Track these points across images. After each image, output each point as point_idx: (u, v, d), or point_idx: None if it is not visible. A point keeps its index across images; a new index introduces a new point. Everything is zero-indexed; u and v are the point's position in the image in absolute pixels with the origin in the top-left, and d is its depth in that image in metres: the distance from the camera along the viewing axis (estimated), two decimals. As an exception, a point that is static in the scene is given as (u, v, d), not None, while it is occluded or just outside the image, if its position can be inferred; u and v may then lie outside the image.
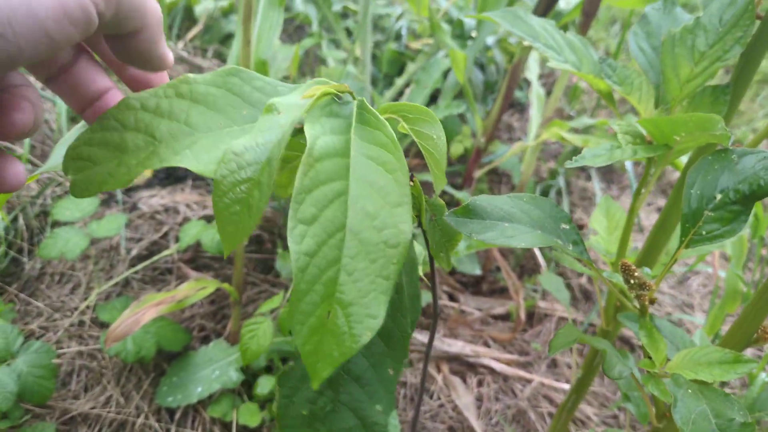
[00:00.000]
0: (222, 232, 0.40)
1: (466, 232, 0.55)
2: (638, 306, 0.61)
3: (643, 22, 0.78)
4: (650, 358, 0.61)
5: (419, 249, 0.69)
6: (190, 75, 0.43)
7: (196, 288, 1.03)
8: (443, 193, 1.84)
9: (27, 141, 1.31)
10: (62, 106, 1.34)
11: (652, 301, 0.60)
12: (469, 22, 1.74)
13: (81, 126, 0.69)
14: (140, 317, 0.96)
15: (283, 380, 0.50)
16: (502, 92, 1.42)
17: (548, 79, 2.36)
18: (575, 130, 1.37)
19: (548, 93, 2.16)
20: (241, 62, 0.98)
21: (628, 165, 1.69)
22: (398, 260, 0.37)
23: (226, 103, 0.43)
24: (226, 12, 1.83)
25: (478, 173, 1.52)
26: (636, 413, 0.75)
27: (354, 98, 0.44)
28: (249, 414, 1.20)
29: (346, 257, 0.36)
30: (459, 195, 1.42)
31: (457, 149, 1.84)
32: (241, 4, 0.94)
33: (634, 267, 0.58)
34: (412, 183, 0.52)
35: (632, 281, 0.58)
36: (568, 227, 0.59)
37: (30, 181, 0.59)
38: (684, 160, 0.90)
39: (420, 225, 0.58)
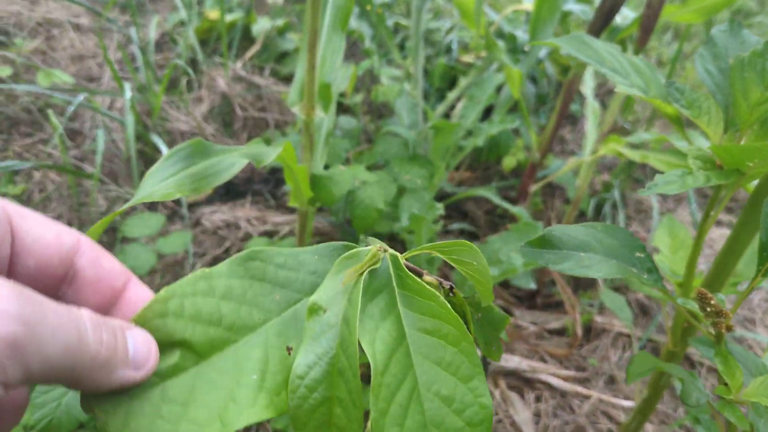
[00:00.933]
0: None
1: (542, 262, 0.56)
2: (713, 332, 0.61)
3: (709, 45, 0.78)
4: (726, 384, 0.61)
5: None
6: (206, 270, 0.39)
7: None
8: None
9: (99, 161, 1.36)
10: (131, 126, 1.39)
11: (729, 329, 0.60)
12: (522, 35, 1.74)
13: (165, 157, 0.73)
14: None
15: None
16: (557, 107, 1.42)
17: (599, 90, 2.34)
18: (632, 145, 1.36)
19: (601, 104, 2.15)
20: (306, 86, 1.01)
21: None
22: None
23: (255, 294, 0.39)
24: (282, 31, 1.87)
25: (533, 188, 1.53)
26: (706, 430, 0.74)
27: (386, 251, 0.42)
28: None
29: None
30: (515, 210, 1.43)
31: (510, 162, 1.84)
32: (306, 30, 0.97)
33: (710, 295, 0.58)
34: (453, 294, 0.50)
35: (708, 309, 0.58)
36: (642, 255, 0.59)
37: (120, 212, 0.62)
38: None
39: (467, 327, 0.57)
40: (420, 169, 1.37)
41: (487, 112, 1.79)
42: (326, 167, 1.36)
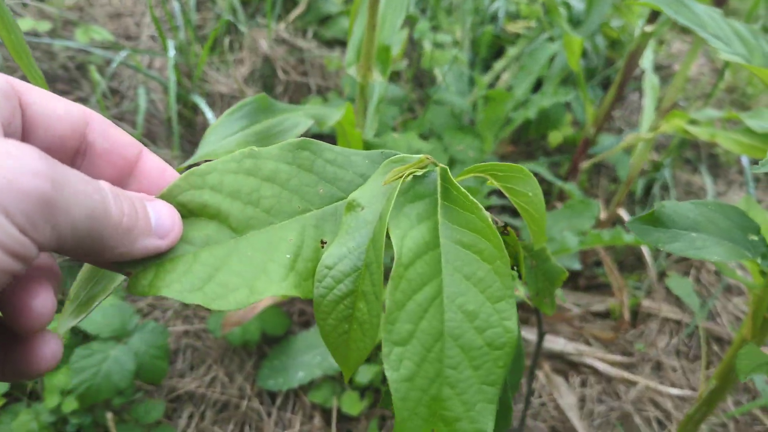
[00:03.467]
0: (336, 355, 0.37)
1: (652, 241, 0.51)
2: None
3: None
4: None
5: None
6: (255, 149, 0.39)
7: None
8: (542, 180, 1.78)
9: (140, 120, 1.32)
10: (173, 86, 1.35)
11: None
12: (577, 5, 1.66)
13: (228, 113, 0.68)
14: (256, 305, 0.95)
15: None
16: (617, 81, 1.35)
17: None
18: (696, 123, 1.29)
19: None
20: (365, 46, 0.95)
21: (744, 160, 1.59)
22: (504, 362, 0.34)
23: (300, 183, 0.39)
24: (325, -7, 1.81)
25: (584, 164, 1.46)
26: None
27: (437, 165, 0.40)
28: (350, 402, 1.19)
29: (448, 369, 0.33)
30: (567, 186, 1.37)
31: (556, 138, 1.77)
32: (368, -14, 0.91)
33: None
34: (506, 233, 0.48)
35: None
36: (757, 238, 0.54)
37: (181, 169, 0.57)
38: None
39: (519, 276, 0.53)
40: (473, 140, 1.31)
41: (537, 85, 1.71)
42: (375, 135, 1.30)
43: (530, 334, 1.36)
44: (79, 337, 1.06)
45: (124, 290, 1.24)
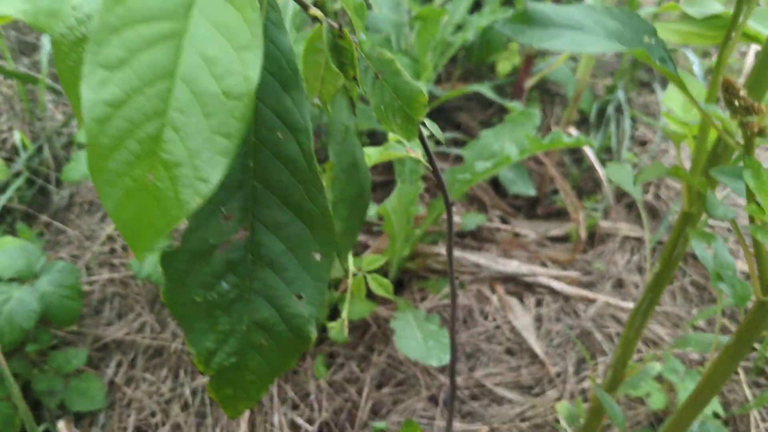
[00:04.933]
0: (69, 95, 0.34)
1: (526, 41, 0.44)
2: (741, 141, 0.50)
3: None
4: (758, 204, 0.49)
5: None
6: None
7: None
8: (491, 104, 1.72)
9: (44, 62, 1.24)
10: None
11: (762, 132, 0.48)
12: None
13: None
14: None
15: (168, 261, 0.40)
16: (553, -14, 1.29)
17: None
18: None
19: None
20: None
21: (690, 54, 1.53)
22: (242, 115, 0.31)
23: None
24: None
25: (529, 82, 1.40)
26: (731, 293, 0.63)
27: None
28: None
29: (175, 111, 0.30)
30: (509, 104, 1.30)
31: (505, 67, 1.70)
32: None
33: (738, 85, 0.47)
34: (341, 36, 0.41)
35: (737, 103, 0.46)
36: (652, 41, 0.47)
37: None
38: None
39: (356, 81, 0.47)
40: (405, 58, 1.24)
41: (477, 7, 1.64)
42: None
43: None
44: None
45: (38, 239, 1.16)
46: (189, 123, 0.29)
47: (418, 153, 0.92)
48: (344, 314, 0.85)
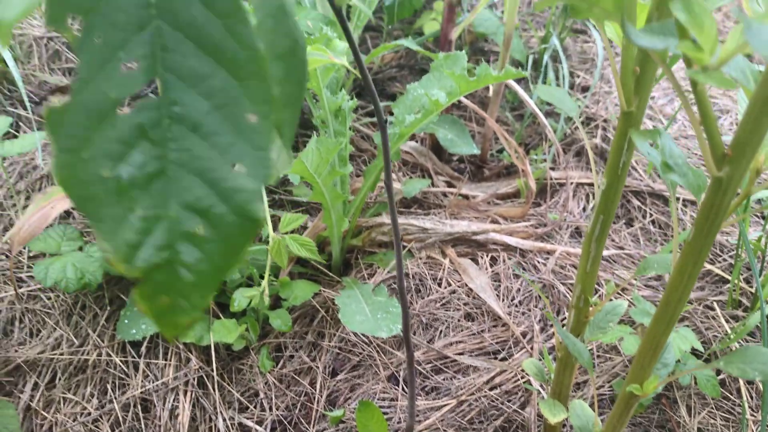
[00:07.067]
0: None
1: None
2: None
3: None
4: (693, 41, 0.40)
5: None
6: None
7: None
8: (417, 67, 1.63)
9: None
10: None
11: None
12: None
13: None
14: (49, 211, 0.77)
15: (56, 121, 0.27)
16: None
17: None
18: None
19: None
20: None
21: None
22: None
23: None
24: None
25: (455, 33, 1.31)
26: (685, 183, 0.55)
27: None
28: (225, 331, 1.02)
29: None
30: (435, 55, 1.21)
31: (432, 27, 1.63)
32: None
33: None
34: None
35: None
36: None
37: None
38: None
39: None
40: (322, 22, 1.14)
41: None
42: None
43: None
44: None
45: None
46: None
47: (343, 60, 0.82)
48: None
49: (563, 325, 1.09)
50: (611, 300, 0.90)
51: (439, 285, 1.15)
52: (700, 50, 0.40)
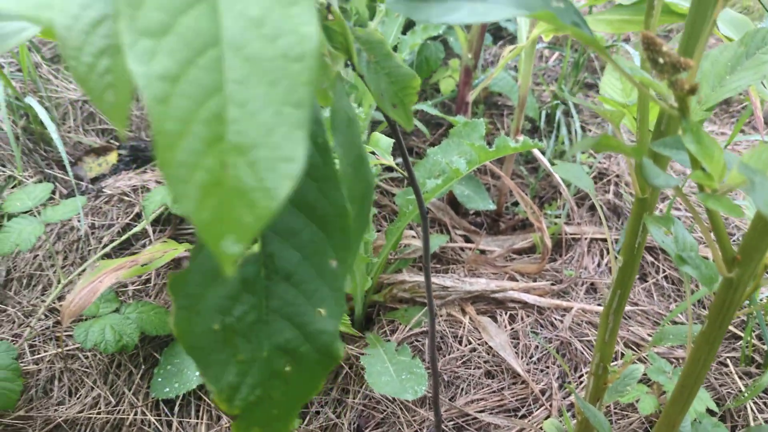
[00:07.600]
0: (99, 103, 0.29)
1: (422, 17, 0.40)
2: (676, 104, 0.46)
3: None
4: (703, 170, 0.45)
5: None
6: None
7: (163, 250, 0.89)
8: (433, 122, 1.69)
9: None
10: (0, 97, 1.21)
11: (693, 90, 0.44)
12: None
13: None
14: (97, 285, 0.82)
15: (176, 286, 0.34)
16: None
17: None
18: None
19: None
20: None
21: (631, 50, 1.51)
22: (308, 78, 0.25)
23: None
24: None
25: (471, 95, 1.37)
26: (698, 276, 0.59)
27: None
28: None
29: (232, 83, 0.25)
30: (452, 118, 1.27)
31: (448, 85, 1.69)
32: None
33: (658, 40, 0.43)
34: (331, 16, 0.39)
35: (661, 60, 0.42)
36: (561, 4, 0.44)
37: None
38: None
39: (353, 68, 0.44)
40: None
41: (409, 26, 1.63)
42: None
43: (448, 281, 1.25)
44: None
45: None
46: (253, 96, 0.24)
47: (390, 161, 0.87)
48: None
49: (582, 387, 1.13)
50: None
51: (460, 343, 1.18)
52: (710, 178, 0.45)
